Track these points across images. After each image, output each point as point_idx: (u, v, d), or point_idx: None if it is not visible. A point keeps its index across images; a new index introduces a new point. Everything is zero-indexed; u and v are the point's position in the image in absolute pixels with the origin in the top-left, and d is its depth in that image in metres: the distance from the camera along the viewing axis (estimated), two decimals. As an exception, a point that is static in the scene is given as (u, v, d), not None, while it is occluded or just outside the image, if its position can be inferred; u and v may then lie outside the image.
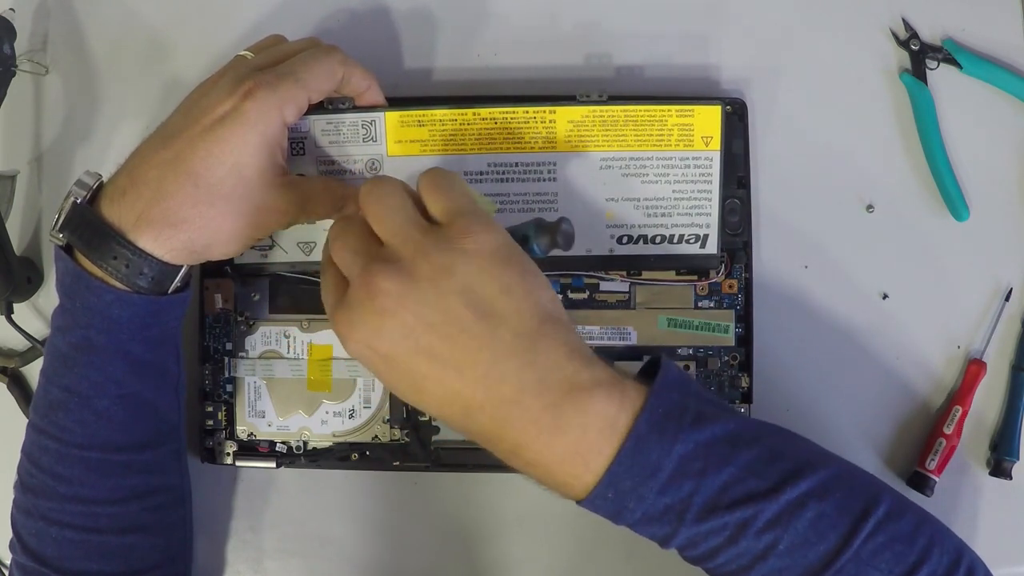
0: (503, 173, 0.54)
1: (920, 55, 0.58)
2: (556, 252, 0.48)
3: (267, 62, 0.51)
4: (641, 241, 0.55)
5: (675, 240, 0.55)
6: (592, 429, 0.42)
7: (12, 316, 0.61)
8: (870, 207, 0.59)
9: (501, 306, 0.42)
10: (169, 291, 0.50)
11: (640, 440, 0.42)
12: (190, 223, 0.48)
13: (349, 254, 0.44)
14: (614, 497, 0.42)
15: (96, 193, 0.49)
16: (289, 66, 0.50)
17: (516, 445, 0.43)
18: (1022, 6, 0.58)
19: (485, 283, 0.42)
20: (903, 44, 0.59)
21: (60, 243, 0.49)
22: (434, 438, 0.58)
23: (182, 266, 0.49)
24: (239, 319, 0.59)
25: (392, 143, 0.54)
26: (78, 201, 0.48)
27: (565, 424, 0.42)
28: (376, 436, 0.59)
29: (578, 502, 0.43)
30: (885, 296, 0.59)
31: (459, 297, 0.42)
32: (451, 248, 0.43)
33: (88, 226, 0.48)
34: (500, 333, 0.42)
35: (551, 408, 0.42)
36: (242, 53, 0.52)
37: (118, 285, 0.48)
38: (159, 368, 0.53)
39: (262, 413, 0.59)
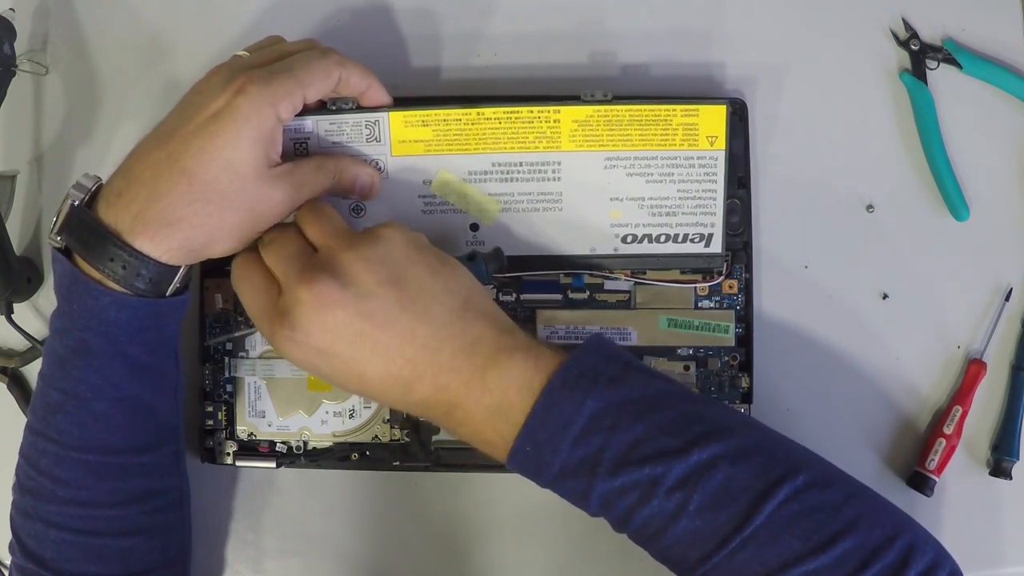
0: (507, 172, 0.54)
1: (920, 55, 0.58)
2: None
3: (263, 61, 0.51)
4: (646, 240, 0.55)
5: (680, 239, 0.55)
6: (512, 388, 0.45)
7: (12, 316, 0.60)
8: (870, 207, 0.59)
9: (430, 286, 0.47)
10: (167, 293, 0.50)
11: (553, 394, 0.45)
12: (186, 222, 0.47)
13: (284, 260, 0.48)
14: (532, 450, 0.45)
15: (94, 195, 0.49)
16: (284, 64, 0.50)
17: (451, 406, 0.47)
18: (1022, 6, 0.59)
19: (413, 266, 0.47)
20: (903, 44, 0.59)
21: (58, 246, 0.49)
22: (434, 438, 0.58)
23: (180, 267, 0.49)
24: (239, 319, 0.59)
25: (396, 143, 0.54)
26: (75, 203, 0.48)
27: (491, 383, 0.46)
28: (376, 436, 0.59)
29: (506, 463, 0.47)
30: (885, 296, 0.59)
31: (392, 284, 0.46)
32: (375, 239, 0.47)
33: (85, 228, 0.48)
34: (433, 309, 0.46)
35: (479, 370, 0.46)
36: (239, 53, 0.52)
37: (116, 287, 0.48)
38: (157, 371, 0.52)
39: (262, 413, 0.59)
